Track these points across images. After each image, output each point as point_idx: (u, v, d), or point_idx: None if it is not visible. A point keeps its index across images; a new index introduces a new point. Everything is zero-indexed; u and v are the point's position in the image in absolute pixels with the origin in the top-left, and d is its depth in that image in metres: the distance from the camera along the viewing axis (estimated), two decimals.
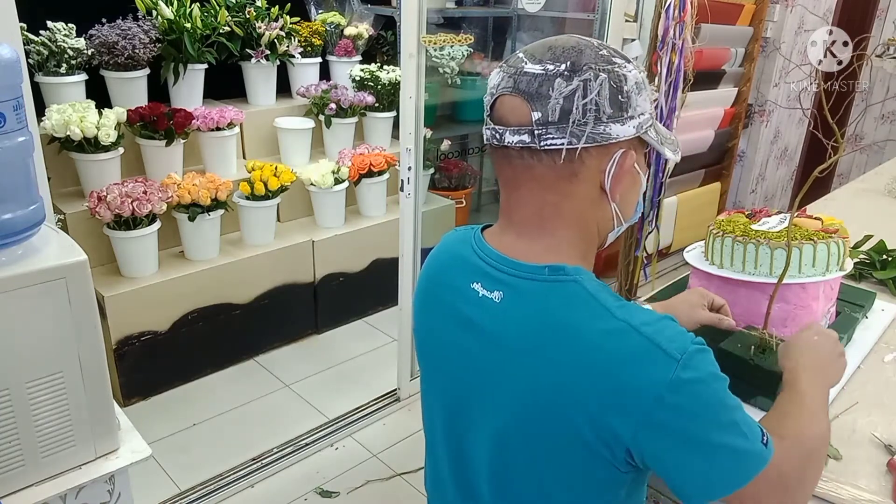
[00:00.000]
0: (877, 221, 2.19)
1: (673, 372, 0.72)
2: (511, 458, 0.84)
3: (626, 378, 0.73)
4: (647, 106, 0.81)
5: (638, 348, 0.73)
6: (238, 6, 3.15)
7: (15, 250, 1.12)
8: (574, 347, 0.75)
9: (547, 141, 0.77)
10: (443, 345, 0.92)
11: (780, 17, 4.03)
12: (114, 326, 2.52)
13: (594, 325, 0.76)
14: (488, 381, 0.83)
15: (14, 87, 1.08)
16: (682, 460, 0.74)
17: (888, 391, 1.30)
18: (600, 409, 0.74)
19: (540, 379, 0.77)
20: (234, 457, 2.36)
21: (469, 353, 0.86)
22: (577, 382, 0.75)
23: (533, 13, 3.69)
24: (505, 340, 0.81)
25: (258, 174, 2.89)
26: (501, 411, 0.82)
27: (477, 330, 0.84)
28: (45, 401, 1.15)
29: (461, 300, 0.87)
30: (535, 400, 0.78)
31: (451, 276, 0.90)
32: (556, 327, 0.77)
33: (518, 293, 0.81)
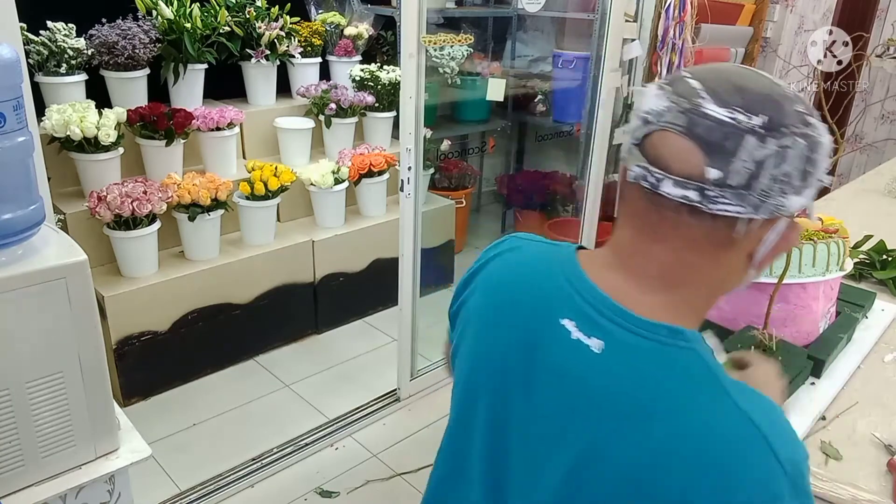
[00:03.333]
0: (877, 221, 2.20)
1: (782, 487, 0.62)
2: None
3: (734, 471, 0.62)
4: (824, 173, 0.69)
5: (755, 446, 0.63)
6: (238, 6, 3.15)
7: (15, 250, 1.12)
8: (683, 427, 0.64)
9: (719, 205, 0.64)
10: (501, 374, 0.76)
11: (779, 18, 4.04)
12: (114, 326, 2.52)
13: (710, 407, 0.65)
14: (560, 442, 0.69)
15: (14, 87, 1.08)
16: None
17: (888, 391, 1.30)
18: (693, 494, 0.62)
19: (633, 452, 0.65)
20: (234, 457, 2.36)
21: (539, 400, 0.72)
22: (675, 464, 0.63)
23: (533, 13, 3.69)
24: (599, 399, 0.67)
25: (258, 174, 2.89)
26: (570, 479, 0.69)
27: (560, 377, 0.71)
28: (45, 401, 1.15)
29: (544, 335, 0.72)
30: (625, 475, 0.65)
31: (533, 300, 0.75)
32: (667, 399, 0.65)
33: (625, 349, 0.68)
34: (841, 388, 1.28)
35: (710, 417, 0.64)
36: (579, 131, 3.71)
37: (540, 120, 4.15)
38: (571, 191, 4.02)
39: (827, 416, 1.21)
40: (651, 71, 3.17)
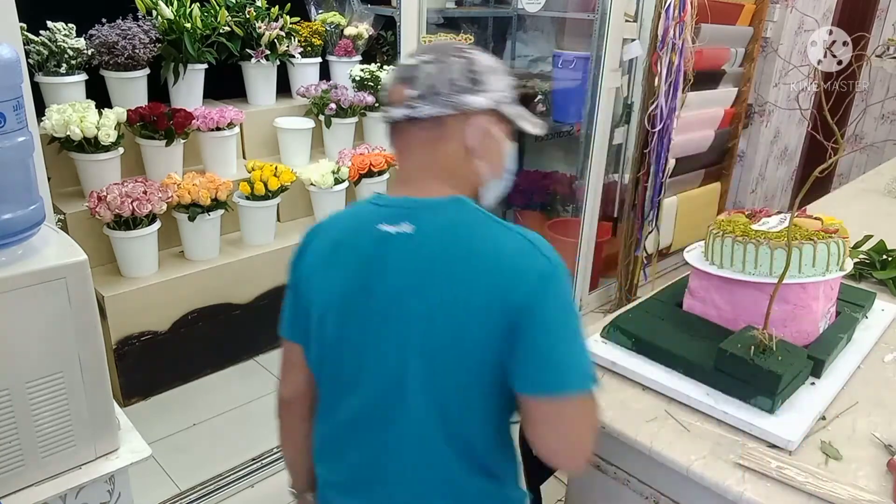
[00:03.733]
0: (877, 221, 2.20)
1: (542, 269, 0.93)
2: (450, 353, 0.94)
3: (518, 268, 0.93)
4: (502, 86, 1.02)
5: (529, 252, 0.94)
6: (238, 6, 3.15)
7: (15, 250, 1.12)
8: (493, 244, 0.95)
9: (421, 110, 0.97)
10: (349, 288, 1.01)
11: (779, 18, 4.03)
12: (114, 326, 2.52)
13: (497, 234, 0.96)
14: (425, 288, 0.95)
15: (14, 87, 1.08)
16: (548, 338, 0.92)
17: (888, 391, 1.30)
18: (508, 290, 0.91)
19: (474, 271, 0.93)
20: (234, 457, 2.36)
21: (390, 274, 0.98)
22: (499, 270, 0.93)
23: (533, 13, 3.69)
24: (434, 245, 0.96)
25: (258, 174, 2.89)
26: (442, 305, 0.94)
27: (396, 264, 0.97)
28: (45, 401, 1.15)
29: (371, 246, 0.99)
30: (471, 285, 0.93)
31: (355, 232, 1.03)
32: (476, 236, 0.96)
33: (430, 220, 0.97)
34: (841, 388, 1.28)
35: (503, 242, 0.95)
36: (579, 131, 3.71)
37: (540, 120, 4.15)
38: (571, 191, 4.02)
39: (827, 416, 1.21)
40: (651, 71, 3.16)
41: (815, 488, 1.02)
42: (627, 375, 1.31)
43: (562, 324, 0.93)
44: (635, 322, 1.40)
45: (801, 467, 1.06)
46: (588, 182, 3.38)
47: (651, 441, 1.14)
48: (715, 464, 1.09)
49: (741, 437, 1.15)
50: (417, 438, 0.98)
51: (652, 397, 1.26)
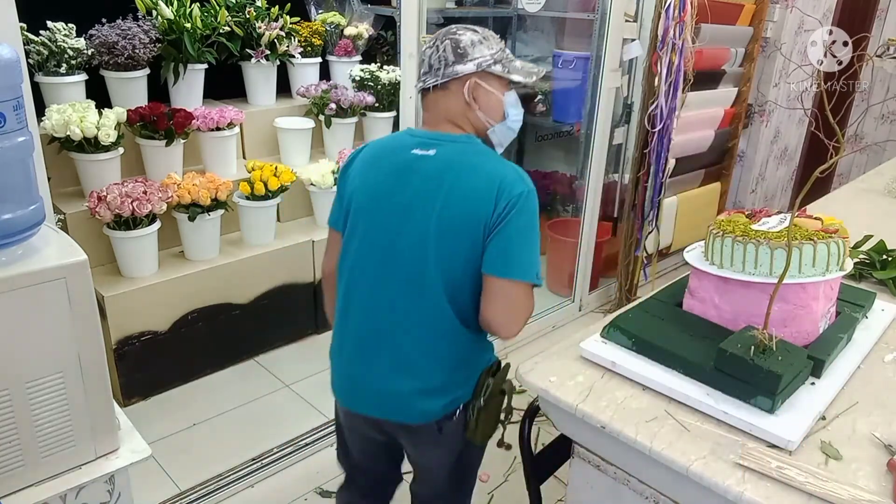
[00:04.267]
0: (877, 221, 2.19)
1: (519, 191, 1.29)
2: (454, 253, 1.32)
3: (501, 183, 1.30)
4: (486, 53, 1.35)
5: (512, 175, 1.32)
6: (238, 6, 3.15)
7: (15, 250, 1.12)
8: (490, 168, 1.32)
9: (428, 82, 1.37)
10: (383, 193, 1.38)
11: (780, 18, 4.03)
12: (114, 326, 2.52)
13: (490, 161, 1.35)
14: (439, 195, 1.31)
15: (14, 87, 1.08)
16: (508, 236, 1.28)
17: (888, 391, 1.30)
18: (496, 199, 1.28)
19: (474, 184, 1.30)
20: (234, 457, 2.36)
21: (414, 185, 1.34)
22: (490, 184, 1.30)
23: (533, 13, 3.69)
24: (448, 166, 1.33)
25: (258, 174, 2.89)
26: (450, 206, 1.30)
27: (421, 174, 1.34)
28: (45, 401, 1.15)
29: (406, 163, 1.36)
30: (471, 194, 1.30)
31: (393, 152, 1.41)
32: (478, 162, 1.34)
33: (448, 148, 1.35)
34: (841, 388, 1.28)
35: (495, 167, 1.33)
36: (579, 131, 3.70)
37: (540, 120, 4.15)
38: (571, 191, 4.01)
39: (827, 416, 1.21)
40: (651, 71, 3.16)
41: (816, 488, 1.02)
42: (627, 375, 1.31)
43: (524, 231, 1.30)
44: (635, 322, 1.40)
45: (802, 467, 1.06)
46: (588, 182, 3.38)
47: (651, 441, 1.14)
48: (715, 464, 1.09)
49: (741, 437, 1.15)
50: (432, 300, 1.33)
51: (652, 397, 1.26)
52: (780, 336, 1.24)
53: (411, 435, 1.44)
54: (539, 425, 2.14)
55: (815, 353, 1.28)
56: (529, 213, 1.29)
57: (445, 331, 1.34)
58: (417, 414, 1.38)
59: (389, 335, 1.36)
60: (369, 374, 1.39)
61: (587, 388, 1.28)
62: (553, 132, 4.29)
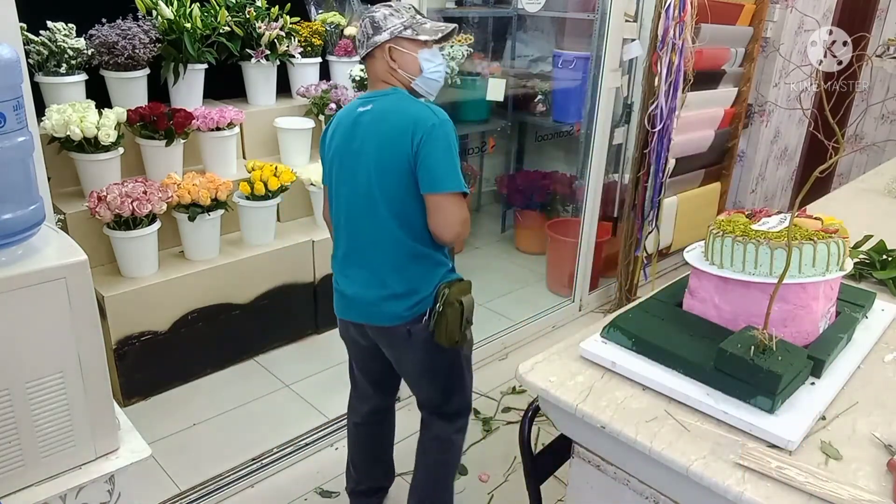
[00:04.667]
0: (877, 221, 2.19)
1: (432, 122, 1.61)
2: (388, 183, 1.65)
3: (418, 118, 1.62)
4: (397, 23, 1.67)
5: (428, 112, 1.64)
6: (238, 6, 3.15)
7: (15, 250, 1.12)
8: (407, 111, 1.65)
9: (361, 53, 1.73)
10: (344, 145, 1.73)
11: (779, 18, 4.03)
12: (114, 326, 2.52)
13: (412, 105, 1.67)
14: (374, 139, 1.66)
15: (14, 87, 1.08)
16: (431, 158, 1.60)
17: (888, 391, 1.30)
18: (412, 134, 1.61)
19: (396, 125, 1.63)
20: (234, 457, 2.36)
21: (360, 135, 1.69)
22: (407, 123, 1.62)
23: (533, 13, 3.69)
24: (379, 116, 1.67)
25: (258, 174, 2.89)
26: (382, 147, 1.65)
27: (360, 125, 1.69)
28: (45, 401, 1.15)
29: (353, 120, 1.71)
30: (394, 133, 1.63)
31: (347, 114, 1.74)
32: (400, 108, 1.66)
33: (382, 102, 1.69)
34: (841, 388, 1.28)
35: (412, 109, 1.65)
36: (579, 131, 3.70)
37: (540, 120, 4.15)
38: (571, 191, 4.02)
39: (827, 416, 1.21)
40: (651, 71, 3.16)
41: (816, 488, 1.02)
42: (627, 375, 1.31)
43: (441, 153, 1.61)
44: (635, 322, 1.40)
45: (802, 467, 1.06)
46: (588, 182, 3.38)
47: (651, 441, 1.14)
48: (715, 464, 1.09)
49: (741, 437, 1.14)
50: (384, 224, 1.66)
51: (652, 397, 1.26)
52: (780, 336, 1.24)
53: (388, 338, 1.78)
54: (539, 425, 2.14)
55: (815, 353, 1.28)
56: (443, 138, 1.61)
57: (402, 249, 1.68)
58: (387, 317, 1.72)
59: (362, 256, 1.73)
60: (350, 287, 1.76)
61: (587, 388, 1.28)
62: (553, 132, 4.29)
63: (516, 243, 4.29)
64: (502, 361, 3.10)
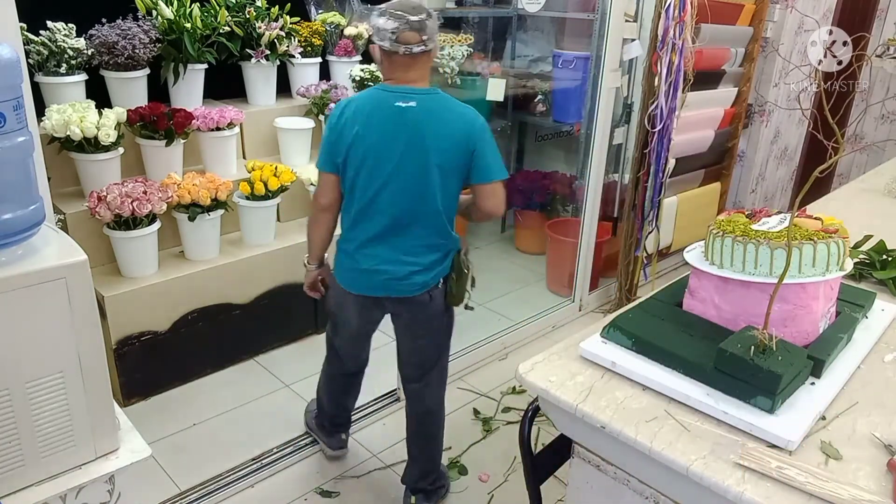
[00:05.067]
0: (877, 221, 2.20)
1: (481, 123, 1.89)
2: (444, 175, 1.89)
3: (471, 121, 1.88)
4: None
5: (473, 113, 1.89)
6: (238, 6, 3.15)
7: (15, 250, 1.12)
8: (457, 110, 1.89)
9: (427, 46, 1.84)
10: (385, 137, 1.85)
11: (779, 18, 4.03)
12: (114, 326, 2.52)
13: (458, 106, 1.90)
14: (434, 138, 1.84)
15: (14, 87, 1.08)
16: (486, 154, 1.89)
17: (888, 391, 1.30)
18: (469, 135, 1.87)
19: (455, 126, 1.87)
20: (234, 457, 2.36)
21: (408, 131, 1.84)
22: (465, 125, 1.87)
23: (533, 13, 3.69)
24: (433, 115, 1.85)
25: (258, 174, 2.89)
26: (443, 146, 1.86)
27: (408, 121, 1.84)
28: (45, 401, 1.15)
29: (394, 114, 1.84)
30: (448, 140, 1.86)
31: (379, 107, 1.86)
32: (445, 108, 1.88)
33: (423, 99, 1.85)
34: (841, 388, 1.28)
35: (461, 109, 1.90)
36: (579, 131, 3.70)
37: (540, 120, 4.15)
38: (571, 191, 4.02)
39: (827, 416, 1.21)
40: (651, 71, 3.16)
41: (816, 488, 1.02)
42: (627, 375, 1.31)
43: (490, 149, 1.91)
44: (635, 322, 1.40)
45: (802, 467, 1.06)
46: (588, 182, 3.38)
47: (651, 441, 1.14)
48: (715, 464, 1.09)
49: (741, 437, 1.15)
50: (432, 207, 1.90)
51: (652, 397, 1.26)
52: (780, 336, 1.24)
53: (411, 305, 1.99)
54: (539, 425, 2.13)
55: (815, 353, 1.28)
56: (491, 136, 1.92)
57: (437, 228, 1.93)
58: (417, 287, 1.95)
59: (401, 234, 1.92)
60: (382, 268, 1.93)
61: (587, 388, 1.28)
62: (553, 132, 4.29)
63: (516, 243, 4.29)
64: (502, 361, 3.10)
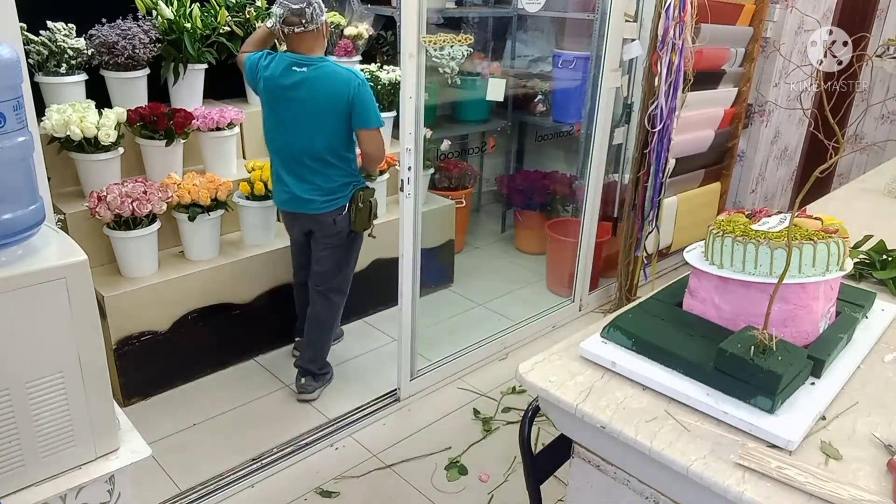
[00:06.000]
0: (877, 221, 2.19)
1: (357, 82, 2.42)
2: (325, 123, 2.45)
3: (349, 80, 2.41)
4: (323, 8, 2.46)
5: (351, 75, 2.43)
6: (238, 6, 3.15)
7: (15, 250, 1.12)
8: (337, 76, 2.42)
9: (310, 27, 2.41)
10: (282, 100, 2.47)
11: (779, 18, 4.03)
12: (114, 326, 2.52)
13: (340, 70, 2.43)
14: (310, 102, 2.42)
15: (14, 87, 1.08)
16: (360, 106, 2.42)
17: (888, 391, 1.30)
18: (345, 93, 2.41)
19: (331, 89, 2.41)
20: (234, 457, 2.36)
21: (297, 96, 2.43)
22: (340, 86, 2.41)
23: (533, 13, 3.69)
24: (313, 84, 2.41)
25: (258, 174, 2.89)
26: (319, 106, 2.42)
27: (299, 85, 2.42)
28: (45, 401, 1.15)
29: (288, 77, 2.43)
30: (330, 97, 2.41)
31: (284, 65, 2.45)
32: (331, 73, 2.42)
33: (314, 67, 2.42)
34: (841, 388, 1.28)
35: (342, 72, 2.44)
36: (579, 131, 3.70)
37: (540, 120, 4.15)
38: (571, 191, 4.02)
39: (827, 416, 1.21)
40: (651, 71, 3.16)
41: (816, 488, 1.02)
42: (627, 375, 1.31)
43: (365, 102, 2.41)
44: (635, 322, 1.40)
45: (802, 467, 1.06)
46: (588, 182, 3.38)
47: (651, 441, 1.14)
48: (715, 464, 1.09)
49: (741, 437, 1.14)
50: (320, 147, 2.46)
51: (652, 397, 1.26)
52: (780, 336, 1.24)
53: (318, 223, 2.56)
54: (539, 425, 2.14)
55: (815, 353, 1.28)
56: (367, 92, 2.42)
57: (327, 164, 2.49)
58: (318, 206, 2.51)
59: (300, 170, 2.51)
60: (292, 189, 2.54)
61: (587, 388, 1.28)
62: (553, 132, 4.29)
63: (516, 243, 4.29)
64: (502, 361, 3.10)
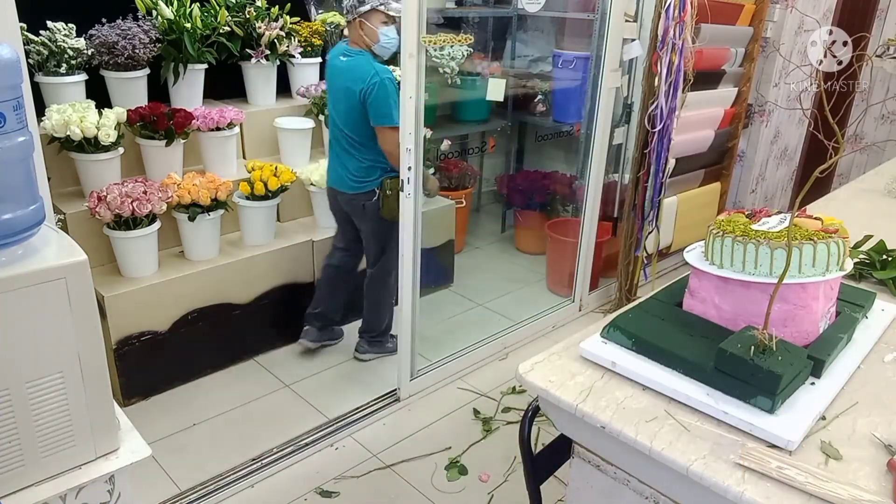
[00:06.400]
0: (877, 221, 2.19)
1: (376, 81, 2.53)
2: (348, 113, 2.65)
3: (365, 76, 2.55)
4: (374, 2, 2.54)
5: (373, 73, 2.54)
6: (238, 6, 3.15)
7: (15, 250, 1.12)
8: (357, 71, 2.58)
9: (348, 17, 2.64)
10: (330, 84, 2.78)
11: (779, 18, 4.03)
12: (114, 326, 2.52)
13: (371, 64, 2.58)
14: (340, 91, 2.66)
15: (14, 87, 1.08)
16: (375, 104, 2.54)
17: (888, 391, 1.30)
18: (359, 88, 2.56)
19: (349, 82, 2.59)
20: (234, 457, 2.36)
21: (335, 83, 2.72)
22: (356, 81, 2.56)
23: (533, 13, 3.69)
24: (342, 74, 2.64)
25: (258, 174, 2.89)
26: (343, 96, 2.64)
27: (337, 73, 2.68)
28: (45, 401, 1.15)
29: (335, 64, 2.70)
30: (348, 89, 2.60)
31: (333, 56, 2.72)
32: (354, 66, 2.60)
33: (352, 57, 2.63)
34: (841, 388, 1.28)
35: (368, 68, 2.57)
36: (579, 131, 3.70)
37: (540, 120, 4.15)
38: (571, 191, 4.02)
39: (827, 416, 1.21)
40: (651, 71, 3.16)
41: (816, 488, 1.02)
42: (627, 375, 1.31)
43: (383, 99, 2.51)
44: (635, 322, 1.40)
45: (802, 467, 1.06)
46: (588, 182, 3.38)
47: (651, 441, 1.14)
48: (715, 464, 1.09)
49: (741, 437, 1.14)
50: (346, 136, 2.67)
51: (652, 397, 1.26)
52: (780, 336, 1.24)
53: (350, 206, 2.75)
54: (539, 425, 2.14)
55: (815, 353, 1.28)
56: (385, 88, 2.49)
57: (354, 147, 2.67)
58: (348, 186, 2.71)
59: (338, 149, 2.74)
60: (332, 165, 2.80)
61: (587, 388, 1.28)
62: (553, 132, 4.29)
63: (516, 243, 4.29)
64: (502, 361, 3.10)
